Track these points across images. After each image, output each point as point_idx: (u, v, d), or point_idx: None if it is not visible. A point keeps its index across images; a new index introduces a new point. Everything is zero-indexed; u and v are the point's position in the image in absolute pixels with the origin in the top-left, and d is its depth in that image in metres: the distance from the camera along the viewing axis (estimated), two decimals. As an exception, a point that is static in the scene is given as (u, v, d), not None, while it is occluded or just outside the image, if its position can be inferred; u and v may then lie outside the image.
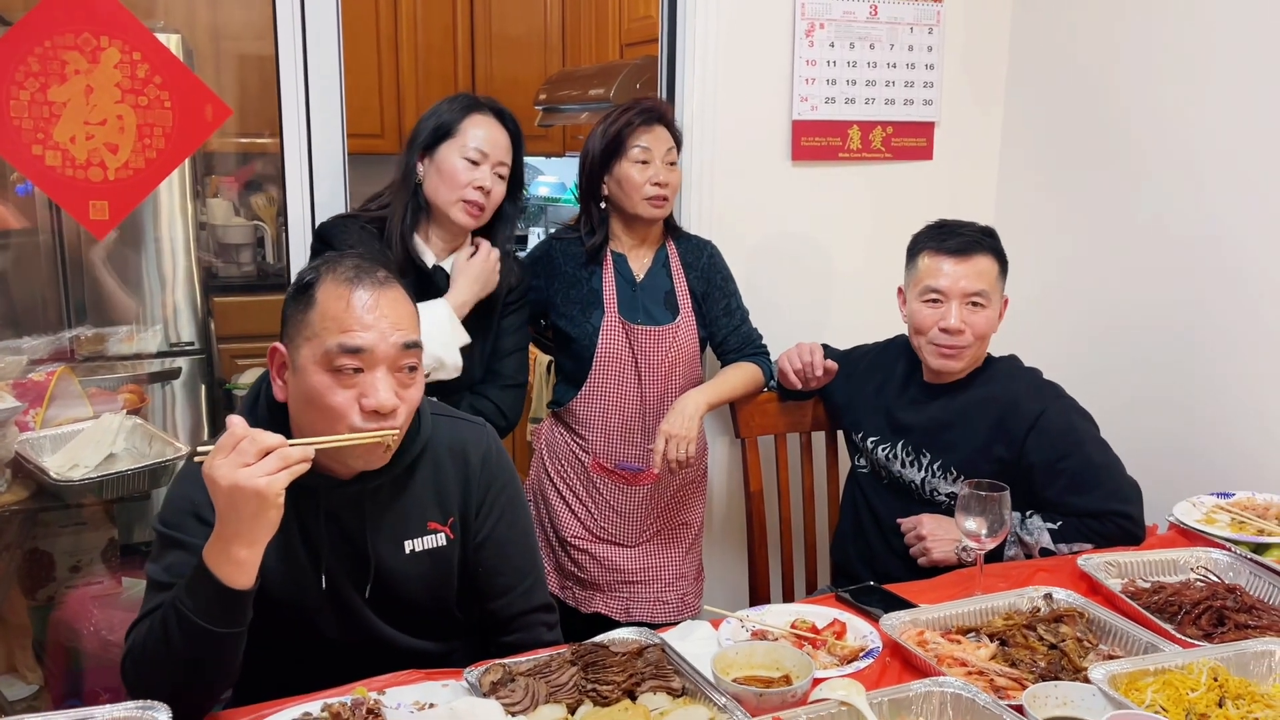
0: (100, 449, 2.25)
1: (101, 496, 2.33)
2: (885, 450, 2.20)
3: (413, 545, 1.57)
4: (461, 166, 2.06)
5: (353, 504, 1.52)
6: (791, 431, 2.51)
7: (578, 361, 2.35)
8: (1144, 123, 2.53)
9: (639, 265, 2.38)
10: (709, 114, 2.61)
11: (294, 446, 1.31)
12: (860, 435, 2.26)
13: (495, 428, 1.77)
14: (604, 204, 2.34)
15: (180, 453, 2.28)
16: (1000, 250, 2.13)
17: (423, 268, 2.11)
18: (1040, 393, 2.10)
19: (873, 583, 1.82)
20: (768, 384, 2.45)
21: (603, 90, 3.63)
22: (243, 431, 1.28)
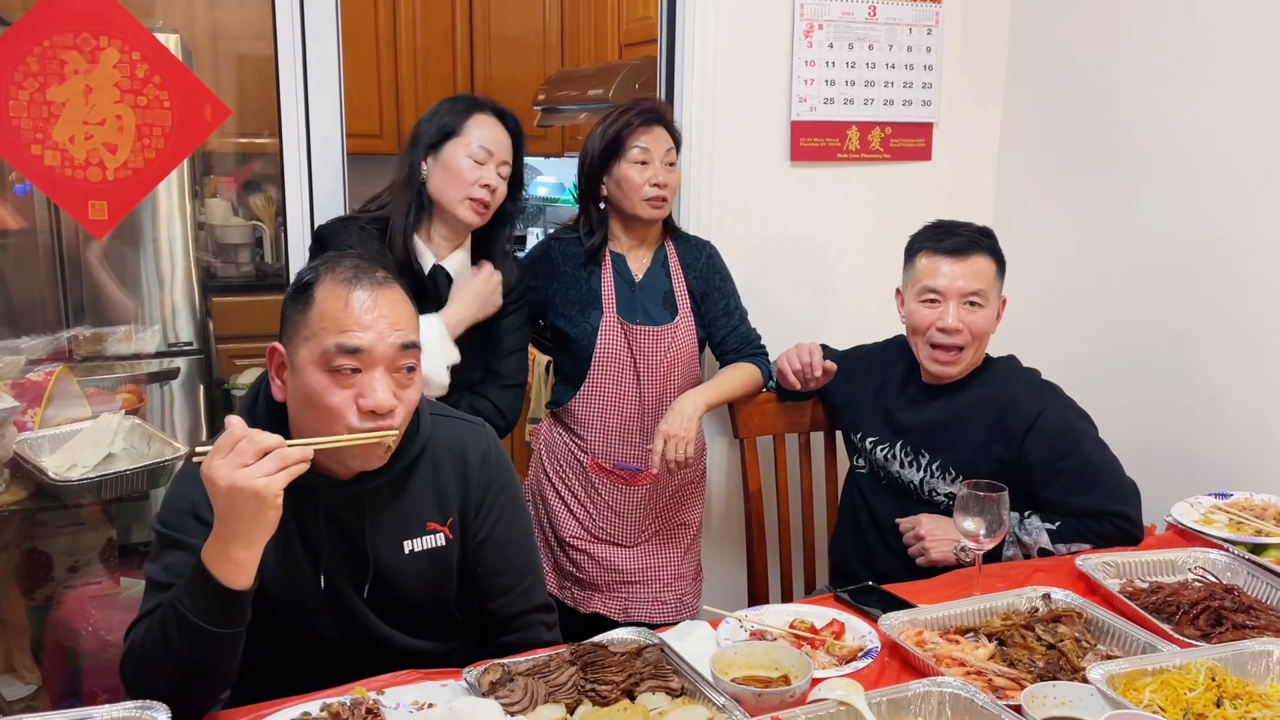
0: (99, 449, 2.25)
1: (100, 496, 2.33)
2: (884, 450, 2.20)
3: (412, 545, 1.57)
4: (467, 165, 2.08)
5: (352, 504, 1.52)
6: (790, 432, 2.51)
7: (576, 362, 2.35)
8: (1143, 123, 2.53)
9: (638, 265, 2.38)
10: (708, 115, 2.61)
11: (293, 447, 1.31)
12: (859, 436, 2.26)
13: (494, 428, 1.77)
14: (603, 204, 2.34)
15: (179, 453, 2.28)
16: (998, 250, 2.13)
17: (419, 272, 2.12)
18: (1039, 393, 2.10)
19: (871, 583, 1.82)
20: (766, 384, 2.45)
21: (601, 91, 3.62)
22: (241, 432, 1.28)
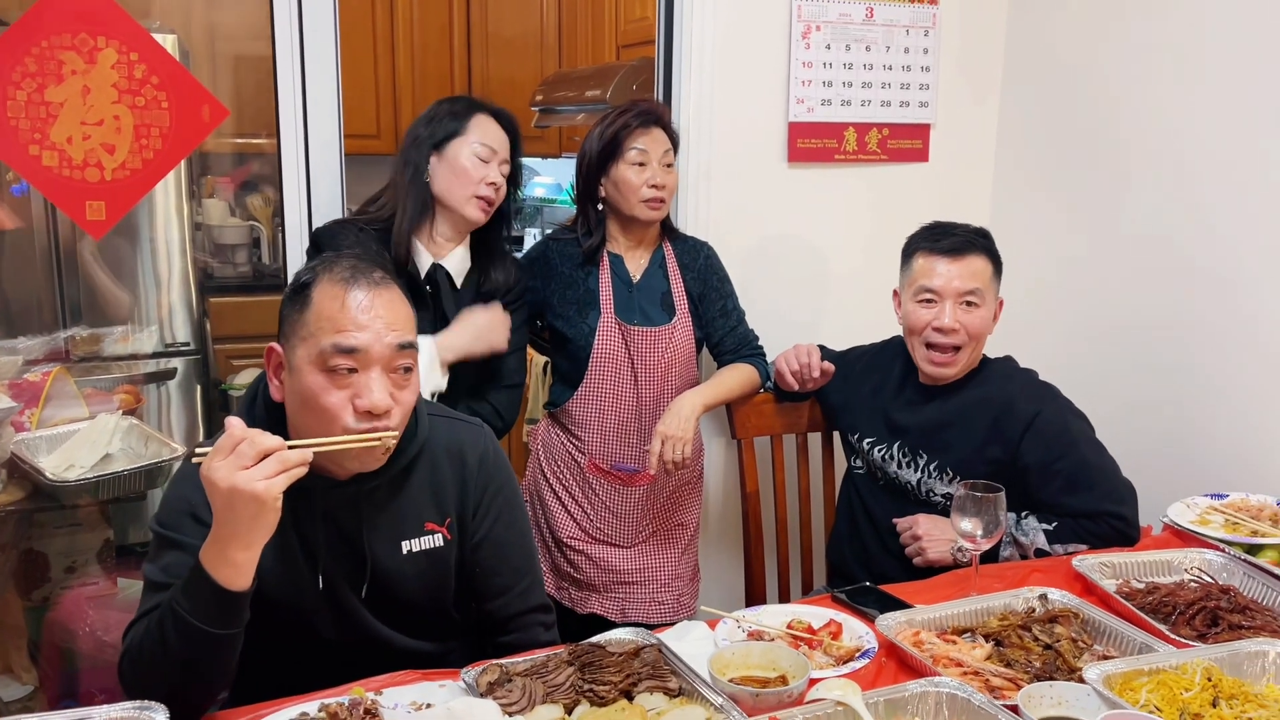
0: (96, 449, 2.25)
1: (97, 497, 2.33)
2: (881, 451, 2.20)
3: (410, 546, 1.57)
4: (473, 163, 2.10)
5: (350, 504, 1.52)
6: (788, 432, 2.51)
7: (574, 362, 2.35)
8: (1139, 124, 2.53)
9: (635, 266, 2.38)
10: (705, 116, 2.62)
11: (293, 449, 1.31)
12: (856, 436, 2.27)
13: (492, 428, 1.77)
14: (601, 205, 2.34)
15: (176, 453, 2.28)
16: (994, 251, 2.13)
17: (415, 274, 2.12)
18: (1036, 394, 2.11)
19: (868, 583, 1.82)
20: (764, 385, 2.45)
21: (599, 91, 3.63)
22: (241, 433, 1.28)
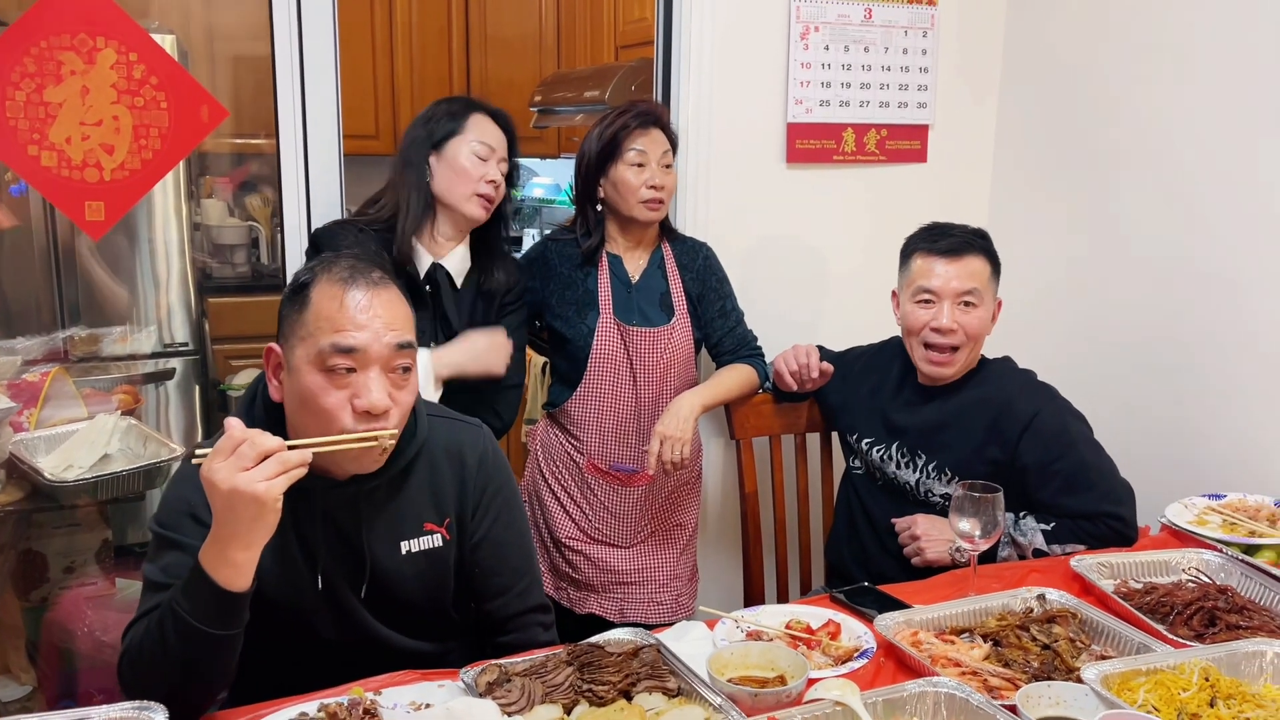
0: (95, 450, 2.25)
1: (96, 497, 2.33)
2: (880, 452, 2.20)
3: (409, 546, 1.57)
4: (472, 162, 2.11)
5: (349, 505, 1.52)
6: (786, 433, 2.51)
7: (573, 363, 2.36)
8: (1138, 125, 2.54)
9: (634, 267, 2.38)
10: (704, 116, 2.62)
11: (293, 450, 1.31)
12: (855, 437, 2.27)
13: (491, 429, 1.77)
14: (600, 206, 2.34)
15: (175, 454, 2.28)
16: (992, 251, 2.14)
17: (414, 275, 2.12)
18: (1034, 394, 2.11)
19: (867, 583, 1.82)
20: (763, 385, 2.45)
21: (598, 92, 3.63)
22: (241, 434, 1.28)
